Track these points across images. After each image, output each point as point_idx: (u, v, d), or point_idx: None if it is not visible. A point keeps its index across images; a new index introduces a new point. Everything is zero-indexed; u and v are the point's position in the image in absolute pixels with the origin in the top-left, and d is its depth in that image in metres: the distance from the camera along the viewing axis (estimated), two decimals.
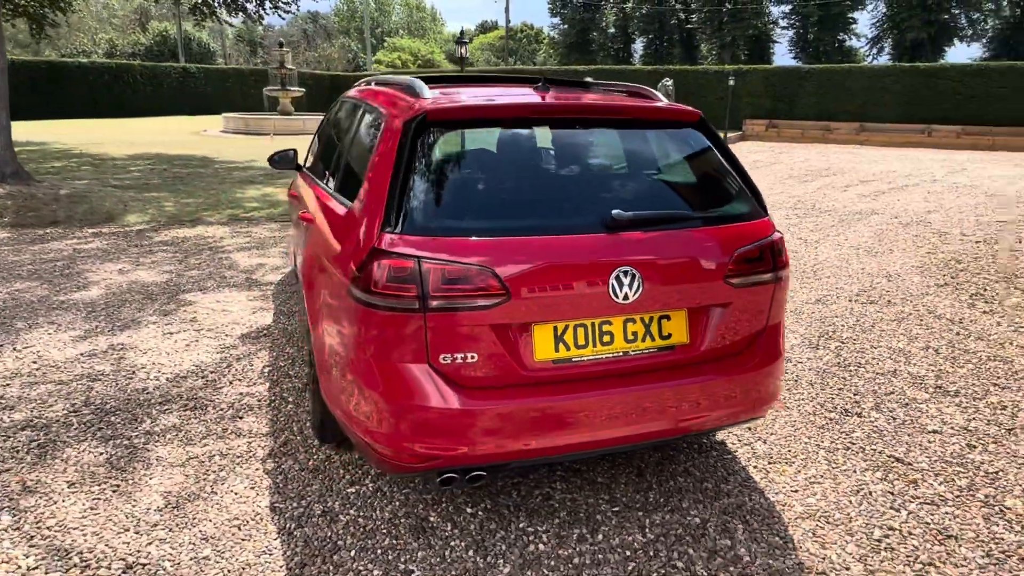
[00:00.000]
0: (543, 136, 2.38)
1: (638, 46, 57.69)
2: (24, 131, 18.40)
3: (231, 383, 3.61)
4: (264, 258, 6.27)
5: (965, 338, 4.44)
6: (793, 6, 49.91)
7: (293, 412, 3.30)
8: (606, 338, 2.19)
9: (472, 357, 2.08)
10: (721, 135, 3.07)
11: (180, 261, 6.08)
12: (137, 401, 3.39)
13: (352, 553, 2.31)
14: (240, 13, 14.57)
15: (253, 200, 9.25)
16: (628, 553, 2.34)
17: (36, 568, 2.22)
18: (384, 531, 2.43)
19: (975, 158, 17.89)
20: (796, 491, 2.73)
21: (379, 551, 2.33)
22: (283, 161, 4.63)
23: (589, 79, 3.21)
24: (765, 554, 2.35)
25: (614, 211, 2.16)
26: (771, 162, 16.00)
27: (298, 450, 2.95)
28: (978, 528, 2.50)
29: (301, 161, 4.64)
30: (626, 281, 2.12)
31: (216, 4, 13.99)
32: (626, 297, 2.13)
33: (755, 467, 2.89)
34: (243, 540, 2.37)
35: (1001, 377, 3.82)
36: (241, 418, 3.23)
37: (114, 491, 2.65)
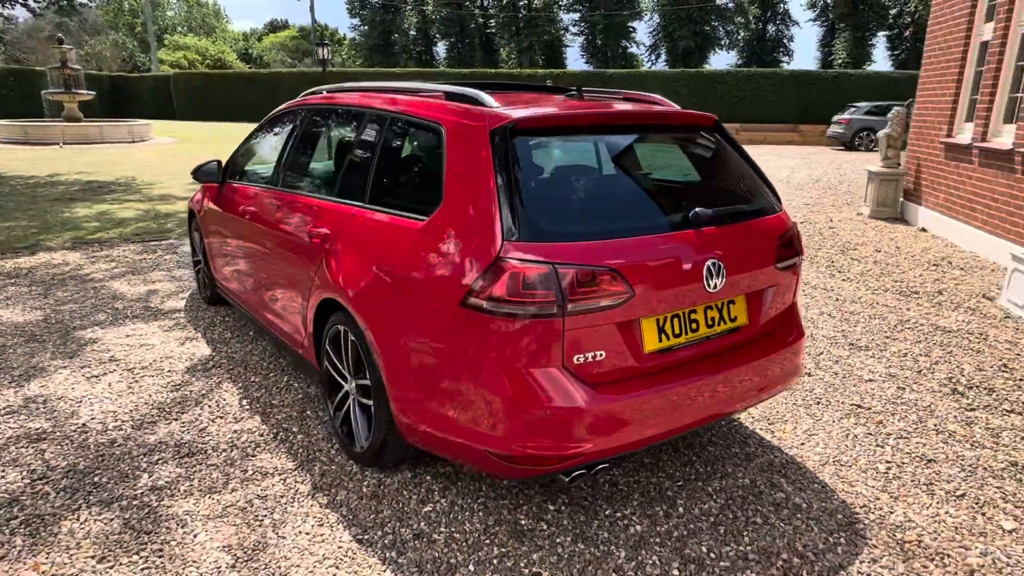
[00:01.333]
0: (614, 141, 2.51)
1: (441, 49, 58.50)
2: None
3: (214, 421, 3.26)
4: (149, 284, 5.59)
5: (843, 303, 5.31)
6: (581, 14, 53.79)
7: (308, 442, 3.08)
8: (694, 325, 2.40)
9: (601, 355, 2.17)
10: None
11: (44, 295, 5.21)
12: (114, 456, 2.94)
13: (472, 568, 2.28)
14: (16, 4, 12.50)
15: (90, 220, 8.10)
16: (712, 519, 2.57)
17: None
18: (487, 541, 2.42)
19: (757, 152, 20.80)
20: (804, 444, 3.15)
21: (495, 561, 2.32)
22: (208, 174, 4.27)
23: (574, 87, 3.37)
24: (816, 499, 2.71)
25: (697, 208, 2.37)
26: None
27: (343, 479, 2.78)
28: (945, 451, 3.10)
29: (240, 175, 4.27)
30: (715, 272, 2.35)
31: None
32: (715, 287, 2.36)
33: (762, 429, 3.28)
34: None
35: (887, 331, 4.66)
36: (254, 456, 2.95)
37: (160, 556, 2.32)
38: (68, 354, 4.07)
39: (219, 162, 4.32)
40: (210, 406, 3.42)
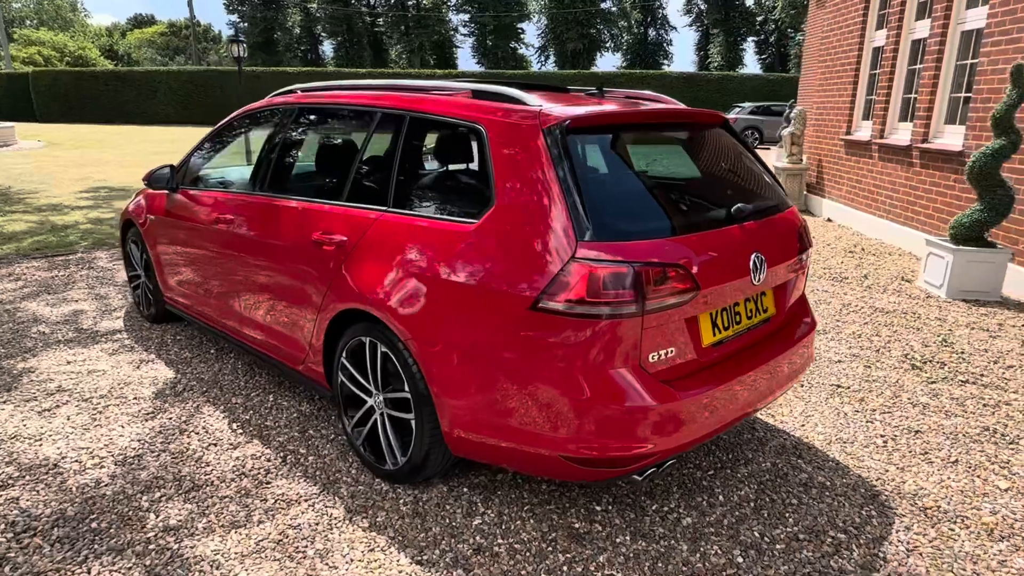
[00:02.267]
0: (654, 139, 2.53)
1: (328, 48, 56.76)
2: None
3: (208, 450, 2.99)
4: (71, 303, 5.03)
5: None
6: (471, 15, 53.96)
7: (322, 463, 2.89)
8: (737, 317, 2.46)
9: (671, 352, 2.18)
10: None
11: None
12: (106, 497, 2.63)
13: None
14: None
15: None
16: (753, 504, 2.66)
17: None
18: (550, 549, 2.37)
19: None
20: (804, 425, 3.32)
21: (564, 568, 2.28)
22: (162, 180, 3.93)
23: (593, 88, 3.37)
24: (835, 475, 2.87)
25: (739, 204, 2.44)
26: None
27: (376, 500, 2.63)
28: (928, 421, 3.37)
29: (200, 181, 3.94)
30: (759, 265, 2.42)
31: None
32: (759, 279, 2.43)
33: (762, 414, 3.43)
34: None
35: (836, 314, 5.00)
36: (269, 484, 2.73)
37: None
38: (2, 387, 3.59)
39: (172, 167, 3.96)
40: (198, 433, 3.13)
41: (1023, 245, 5.52)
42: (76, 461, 2.88)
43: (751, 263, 2.40)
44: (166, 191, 3.96)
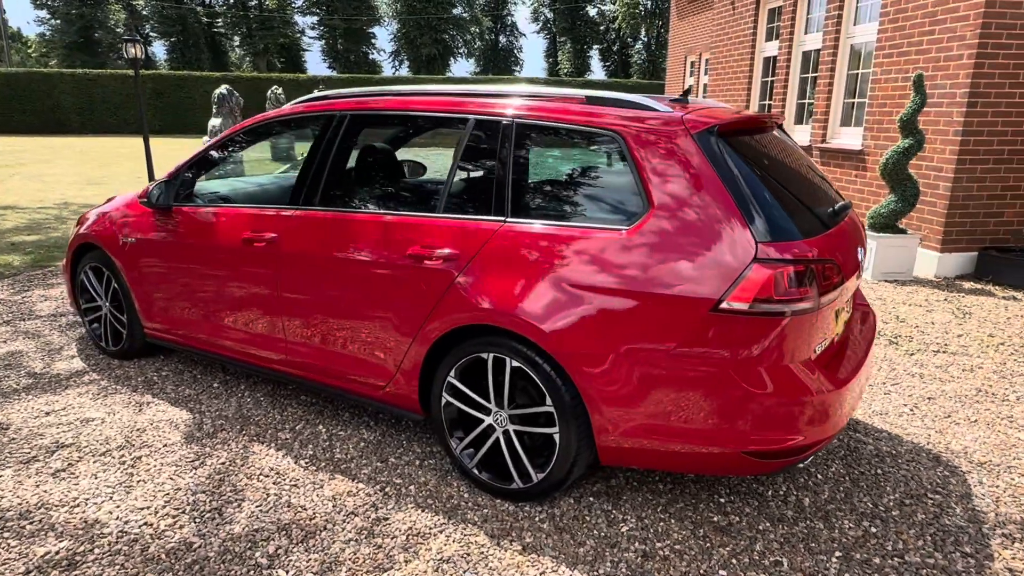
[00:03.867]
0: (768, 142, 2.63)
1: (159, 49, 52.22)
2: None
3: (292, 491, 2.70)
4: (6, 343, 4.28)
5: None
6: (319, 17, 52.10)
7: (426, 490, 2.72)
8: (845, 306, 2.66)
9: (826, 343, 2.31)
10: None
11: None
12: (210, 559, 2.30)
13: (724, 573, 2.27)
14: None
15: None
16: (851, 479, 2.87)
17: None
18: (708, 545, 2.41)
19: None
20: None
21: (733, 561, 2.33)
22: (161, 198, 3.51)
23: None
24: (895, 446, 3.17)
25: (840, 203, 2.62)
26: None
27: (511, 521, 2.53)
28: (929, 389, 3.81)
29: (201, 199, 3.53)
30: (862, 257, 2.63)
31: None
32: (863, 271, 2.64)
33: None
34: None
35: None
36: (386, 520, 2.53)
37: None
38: None
39: (168, 182, 3.50)
40: (268, 476, 2.81)
41: (926, 230, 6.37)
42: (144, 524, 2.49)
43: (859, 256, 2.60)
44: (159, 209, 3.50)
